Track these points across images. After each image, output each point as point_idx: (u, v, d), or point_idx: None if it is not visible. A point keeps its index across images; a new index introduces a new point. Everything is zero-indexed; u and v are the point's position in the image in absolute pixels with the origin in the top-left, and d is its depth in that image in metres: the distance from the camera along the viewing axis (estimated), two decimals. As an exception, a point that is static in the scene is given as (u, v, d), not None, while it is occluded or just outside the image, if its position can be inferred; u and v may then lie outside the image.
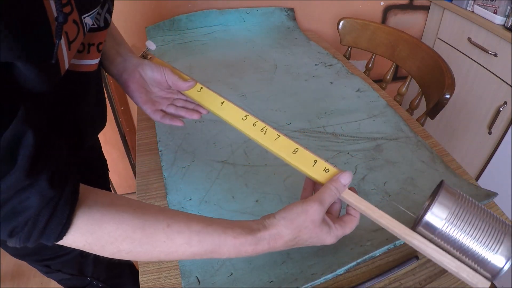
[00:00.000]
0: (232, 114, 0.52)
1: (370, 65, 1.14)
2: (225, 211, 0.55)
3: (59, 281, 0.71)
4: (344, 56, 1.14)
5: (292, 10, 1.26)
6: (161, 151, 0.67)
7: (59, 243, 0.34)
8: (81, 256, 0.67)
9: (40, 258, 0.63)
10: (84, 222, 0.34)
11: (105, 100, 0.60)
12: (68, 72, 0.39)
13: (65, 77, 0.38)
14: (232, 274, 0.47)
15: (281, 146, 0.47)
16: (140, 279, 0.47)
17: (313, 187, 0.47)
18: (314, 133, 0.72)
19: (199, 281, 0.46)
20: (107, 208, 0.35)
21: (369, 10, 1.37)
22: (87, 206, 0.34)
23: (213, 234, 0.38)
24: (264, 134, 0.48)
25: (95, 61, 0.46)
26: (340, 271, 0.44)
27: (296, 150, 0.46)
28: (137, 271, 0.49)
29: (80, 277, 0.71)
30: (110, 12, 0.47)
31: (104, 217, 0.35)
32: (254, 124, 0.49)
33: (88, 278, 0.73)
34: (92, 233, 0.34)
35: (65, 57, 0.36)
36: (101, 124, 0.59)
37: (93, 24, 0.43)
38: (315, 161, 0.45)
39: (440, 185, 0.39)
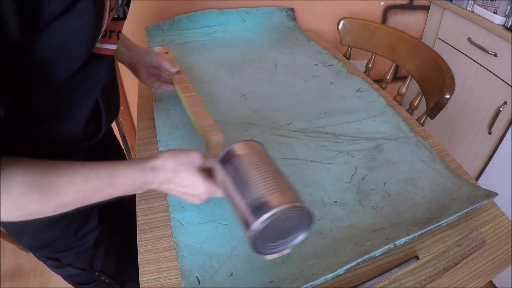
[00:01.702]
0: (179, 95, 0.75)
1: (370, 65, 1.14)
2: (225, 211, 0.55)
3: (68, 277, 0.71)
4: (344, 56, 1.14)
5: (292, 10, 1.26)
6: (161, 151, 0.67)
7: None
8: (94, 247, 0.68)
9: (55, 250, 0.64)
10: None
11: (119, 90, 0.67)
12: (91, 54, 0.45)
13: (89, 57, 0.44)
14: (232, 274, 0.47)
15: (190, 117, 0.68)
16: (140, 279, 0.47)
17: None
18: (314, 133, 0.72)
19: (199, 281, 0.46)
20: (17, 161, 0.38)
21: (369, 10, 1.37)
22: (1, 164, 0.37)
23: (106, 167, 0.43)
24: (187, 109, 0.69)
25: (114, 46, 0.52)
26: (340, 271, 0.44)
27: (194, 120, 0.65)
28: None
29: (89, 272, 0.72)
30: (128, 5, 0.55)
31: (13, 171, 0.37)
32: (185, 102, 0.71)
33: (97, 273, 0.73)
34: (5, 188, 0.37)
35: (105, 21, 0.42)
36: (116, 111, 0.65)
37: (114, 14, 0.50)
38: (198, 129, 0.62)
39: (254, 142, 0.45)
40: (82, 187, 0.41)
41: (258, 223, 0.35)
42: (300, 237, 0.42)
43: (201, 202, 0.49)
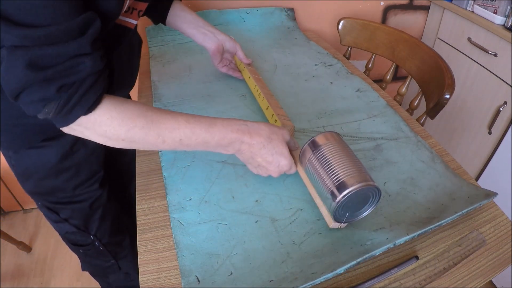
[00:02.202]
0: (250, 84, 0.84)
1: (370, 65, 1.14)
2: (225, 211, 0.55)
3: (64, 235, 0.75)
4: (344, 56, 1.14)
5: (292, 10, 1.26)
6: (161, 151, 0.67)
7: (87, 118, 0.43)
8: (90, 208, 0.72)
9: (54, 201, 0.68)
10: (110, 101, 0.44)
11: (138, 65, 0.74)
12: (115, 24, 0.50)
13: (113, 26, 0.49)
14: (232, 273, 0.47)
15: (263, 104, 0.76)
16: (140, 279, 0.47)
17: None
18: (314, 133, 0.72)
19: (198, 281, 0.46)
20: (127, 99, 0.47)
21: (369, 10, 1.37)
22: (110, 95, 0.45)
23: (207, 116, 0.51)
24: (259, 97, 0.78)
25: (134, 21, 0.58)
26: (340, 270, 0.44)
27: (267, 107, 0.73)
28: (136, 248, 0.51)
29: (84, 232, 0.75)
30: None
31: (125, 101, 0.46)
32: (257, 91, 0.80)
33: (91, 237, 0.76)
34: (116, 108, 0.44)
35: None
36: (130, 82, 0.73)
37: None
38: (273, 115, 0.70)
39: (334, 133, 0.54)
40: (182, 126, 0.48)
41: (342, 194, 0.46)
42: (366, 213, 0.51)
43: (277, 176, 0.55)
